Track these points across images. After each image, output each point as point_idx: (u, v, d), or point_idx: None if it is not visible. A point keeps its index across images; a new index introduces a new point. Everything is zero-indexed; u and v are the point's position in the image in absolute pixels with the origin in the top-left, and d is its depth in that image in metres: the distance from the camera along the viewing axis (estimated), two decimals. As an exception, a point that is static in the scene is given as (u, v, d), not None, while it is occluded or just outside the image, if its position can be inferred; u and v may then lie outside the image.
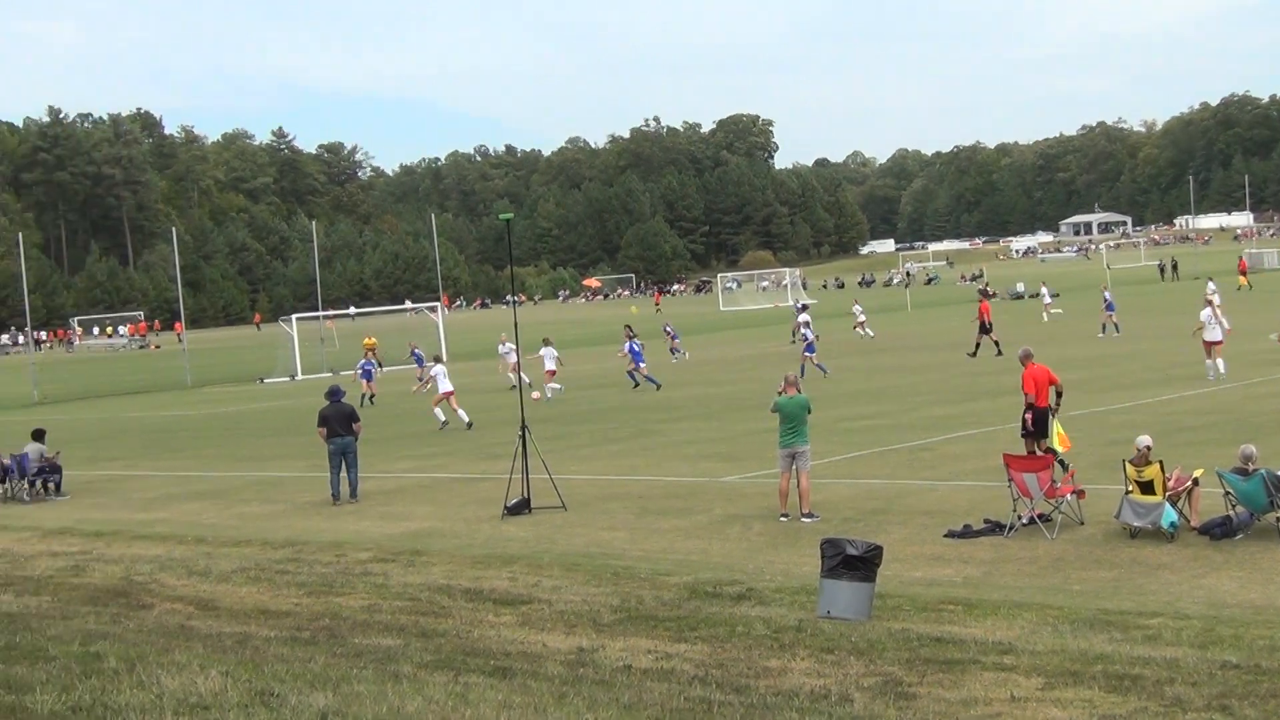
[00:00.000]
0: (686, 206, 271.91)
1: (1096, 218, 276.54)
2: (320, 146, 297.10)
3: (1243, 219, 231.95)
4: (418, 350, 64.81)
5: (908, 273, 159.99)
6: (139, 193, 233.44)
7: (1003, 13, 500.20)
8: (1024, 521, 20.72)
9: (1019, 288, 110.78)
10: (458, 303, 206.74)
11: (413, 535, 24.44)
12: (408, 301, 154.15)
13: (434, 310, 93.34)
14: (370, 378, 56.07)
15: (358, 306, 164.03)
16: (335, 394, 30.15)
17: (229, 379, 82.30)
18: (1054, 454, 22.93)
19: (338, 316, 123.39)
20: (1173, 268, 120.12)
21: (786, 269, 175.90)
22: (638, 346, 52.81)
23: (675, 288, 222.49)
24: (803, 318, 62.02)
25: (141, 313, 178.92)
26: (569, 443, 35.91)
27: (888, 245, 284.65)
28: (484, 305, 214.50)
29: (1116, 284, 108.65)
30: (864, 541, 16.63)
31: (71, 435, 48.09)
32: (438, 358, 47.48)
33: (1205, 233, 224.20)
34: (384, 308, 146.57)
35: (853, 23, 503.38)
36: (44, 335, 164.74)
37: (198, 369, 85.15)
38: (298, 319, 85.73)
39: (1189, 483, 20.01)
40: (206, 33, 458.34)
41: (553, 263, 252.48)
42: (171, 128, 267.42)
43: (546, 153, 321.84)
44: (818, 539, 17.39)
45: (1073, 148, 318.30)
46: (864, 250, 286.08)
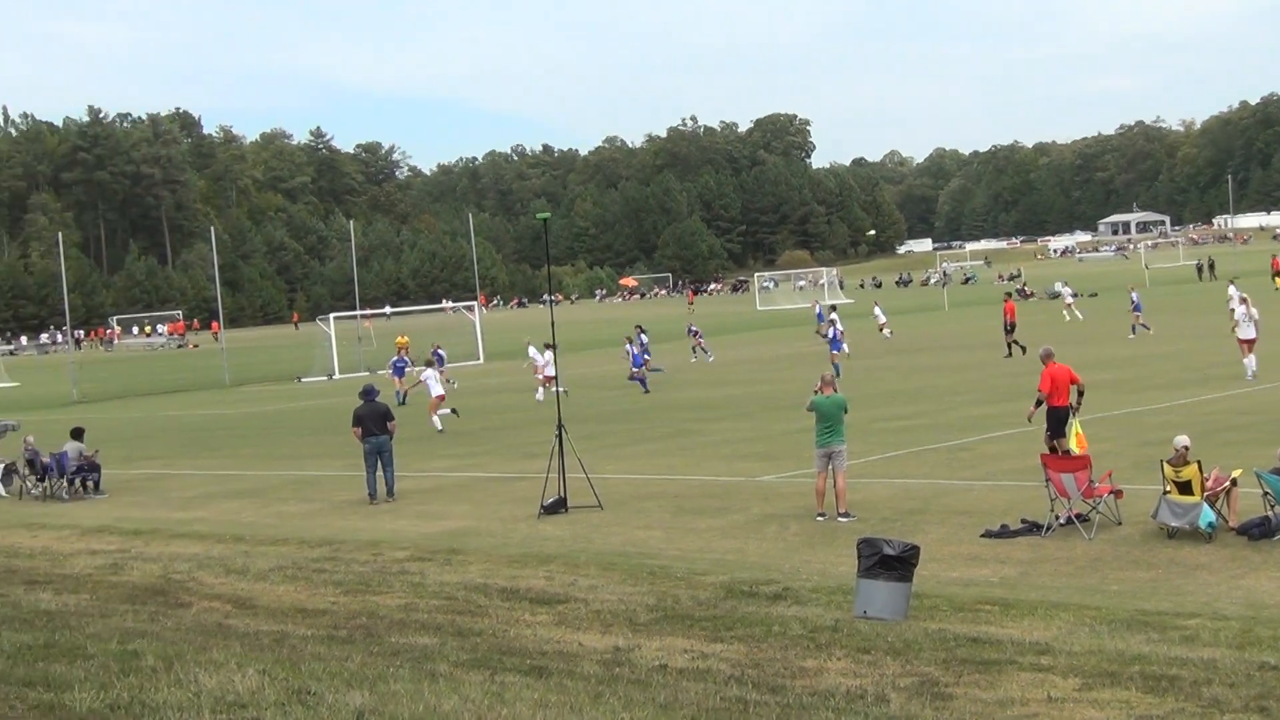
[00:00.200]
0: (723, 206, 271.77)
1: (1135, 217, 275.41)
2: (358, 146, 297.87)
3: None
4: (440, 350, 65.10)
5: (944, 272, 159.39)
6: (178, 192, 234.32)
7: (1041, 11, 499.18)
8: (1061, 522, 20.66)
9: (1056, 287, 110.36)
10: (494, 302, 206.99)
11: (449, 534, 24.47)
12: (445, 301, 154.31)
13: (471, 309, 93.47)
14: (402, 375, 56.31)
15: (395, 306, 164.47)
16: (369, 393, 30.22)
17: (267, 378, 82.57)
18: (1068, 454, 22.89)
19: (374, 316, 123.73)
20: (1209, 267, 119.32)
21: (823, 268, 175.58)
22: (637, 350, 53.20)
23: (712, 287, 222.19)
24: (832, 316, 62.07)
25: (180, 312, 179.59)
26: (605, 442, 35.93)
27: (925, 245, 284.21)
28: (521, 304, 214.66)
29: (1154, 284, 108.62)
30: (901, 541, 16.60)
31: (110, 434, 48.28)
32: (429, 362, 47.41)
33: (1244, 232, 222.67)
34: (421, 307, 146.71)
35: (890, 22, 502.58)
36: (81, 334, 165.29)
37: (236, 368, 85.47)
38: (335, 318, 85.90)
39: (1227, 483, 19.91)
40: (245, 33, 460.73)
41: (590, 262, 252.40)
42: (210, 127, 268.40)
43: (584, 152, 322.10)
44: (854, 539, 17.36)
45: (1111, 147, 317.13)
46: (901, 250, 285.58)
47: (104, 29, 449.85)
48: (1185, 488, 19.71)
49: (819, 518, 22.89)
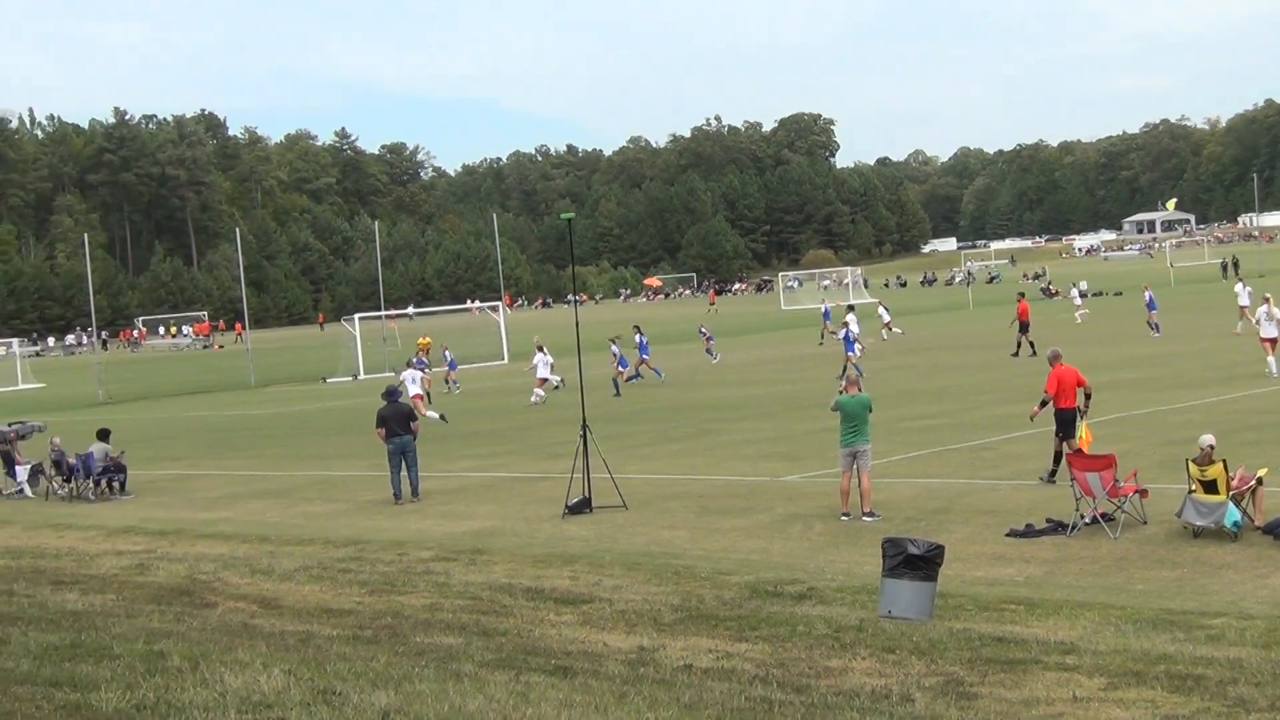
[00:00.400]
0: (748, 205, 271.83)
1: (1159, 216, 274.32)
2: (383, 147, 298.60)
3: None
4: (448, 352, 65.31)
5: (969, 271, 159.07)
6: (203, 193, 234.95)
7: (1065, 9, 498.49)
8: (1086, 521, 20.63)
9: (1082, 286, 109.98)
10: (519, 302, 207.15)
11: (474, 534, 24.50)
12: (470, 301, 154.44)
13: (495, 310, 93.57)
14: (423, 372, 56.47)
15: (420, 306, 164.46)
16: (392, 394, 30.30)
17: (292, 378, 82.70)
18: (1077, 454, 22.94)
19: (398, 316, 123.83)
20: (1234, 266, 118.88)
21: (848, 268, 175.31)
22: (624, 353, 53.46)
23: (736, 286, 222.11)
24: (848, 317, 62.01)
25: (205, 313, 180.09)
26: (629, 442, 35.93)
27: (950, 244, 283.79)
28: (545, 305, 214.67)
29: (1179, 282, 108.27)
30: (925, 541, 16.59)
31: (136, 435, 48.44)
32: (410, 362, 47.36)
33: (1270, 230, 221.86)
34: (446, 307, 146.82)
35: (914, 21, 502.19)
36: (105, 335, 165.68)
37: (261, 368, 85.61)
38: (360, 319, 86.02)
39: (1253, 482, 19.87)
40: (269, 34, 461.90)
41: (614, 262, 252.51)
42: (235, 129, 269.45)
43: (608, 152, 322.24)
44: (879, 538, 17.34)
45: (1136, 145, 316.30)
46: (926, 249, 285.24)
47: (129, 31, 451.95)
48: (1210, 487, 19.67)
49: (843, 517, 22.88)
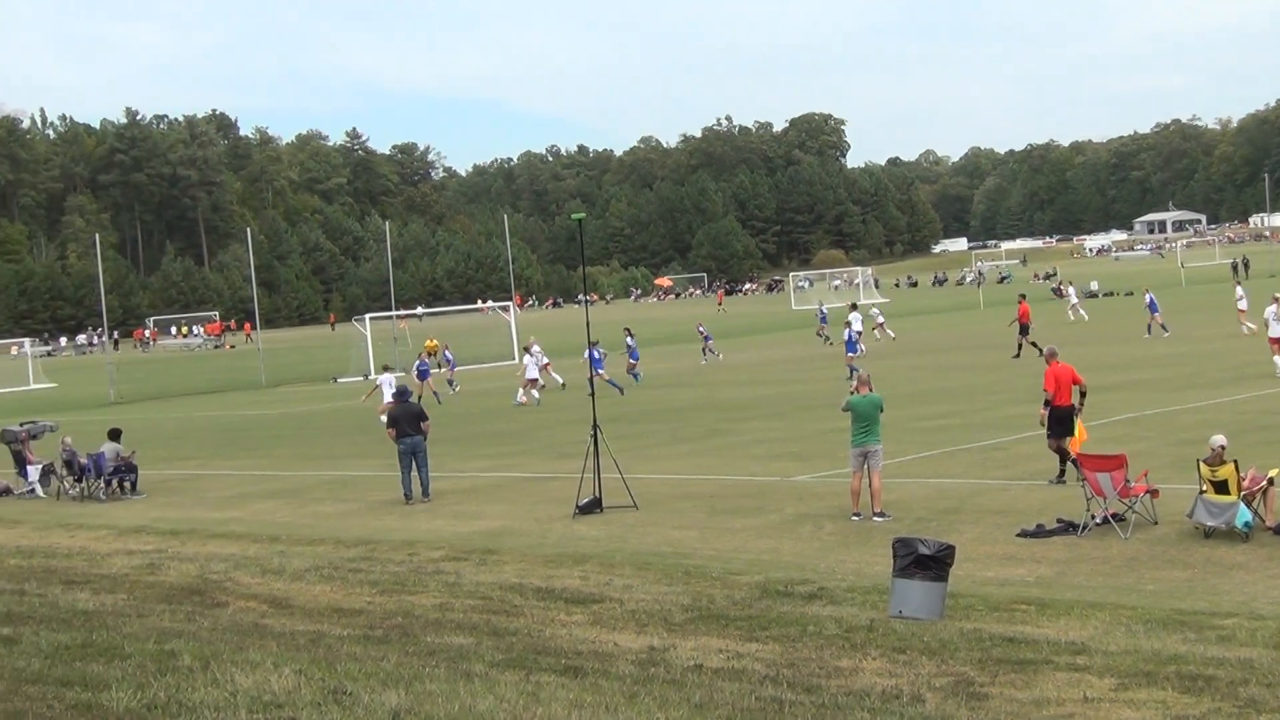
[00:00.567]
0: (758, 206, 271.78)
1: (1171, 216, 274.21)
2: (393, 147, 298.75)
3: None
4: (448, 353, 65.37)
5: (980, 272, 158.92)
6: (214, 193, 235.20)
7: (1076, 9, 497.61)
8: (1097, 521, 20.61)
9: (1093, 286, 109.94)
10: (530, 302, 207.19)
11: (485, 534, 24.51)
12: (479, 301, 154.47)
13: (506, 310, 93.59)
14: (425, 378, 56.64)
15: (431, 306, 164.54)
16: (403, 394, 30.36)
17: (303, 378, 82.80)
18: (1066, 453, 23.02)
19: (408, 316, 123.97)
20: (1244, 266, 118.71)
21: (858, 268, 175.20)
22: (598, 354, 53.44)
23: (747, 286, 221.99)
24: (852, 315, 61.98)
25: (216, 313, 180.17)
26: (640, 442, 35.93)
27: (960, 244, 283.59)
28: (556, 304, 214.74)
29: (1190, 283, 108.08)
30: (936, 541, 16.58)
31: (147, 434, 48.47)
32: (387, 366, 47.31)
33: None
34: (456, 308, 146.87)
35: (925, 21, 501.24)
36: (116, 335, 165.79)
37: (272, 368, 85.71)
38: (371, 319, 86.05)
39: (1264, 482, 19.84)
40: (280, 35, 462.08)
41: (625, 262, 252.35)
42: (246, 129, 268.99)
43: (618, 152, 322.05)
44: (890, 538, 17.33)
45: (1147, 145, 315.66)
46: (936, 249, 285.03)
47: (141, 31, 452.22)
48: (1221, 487, 19.65)
49: (854, 517, 22.88)
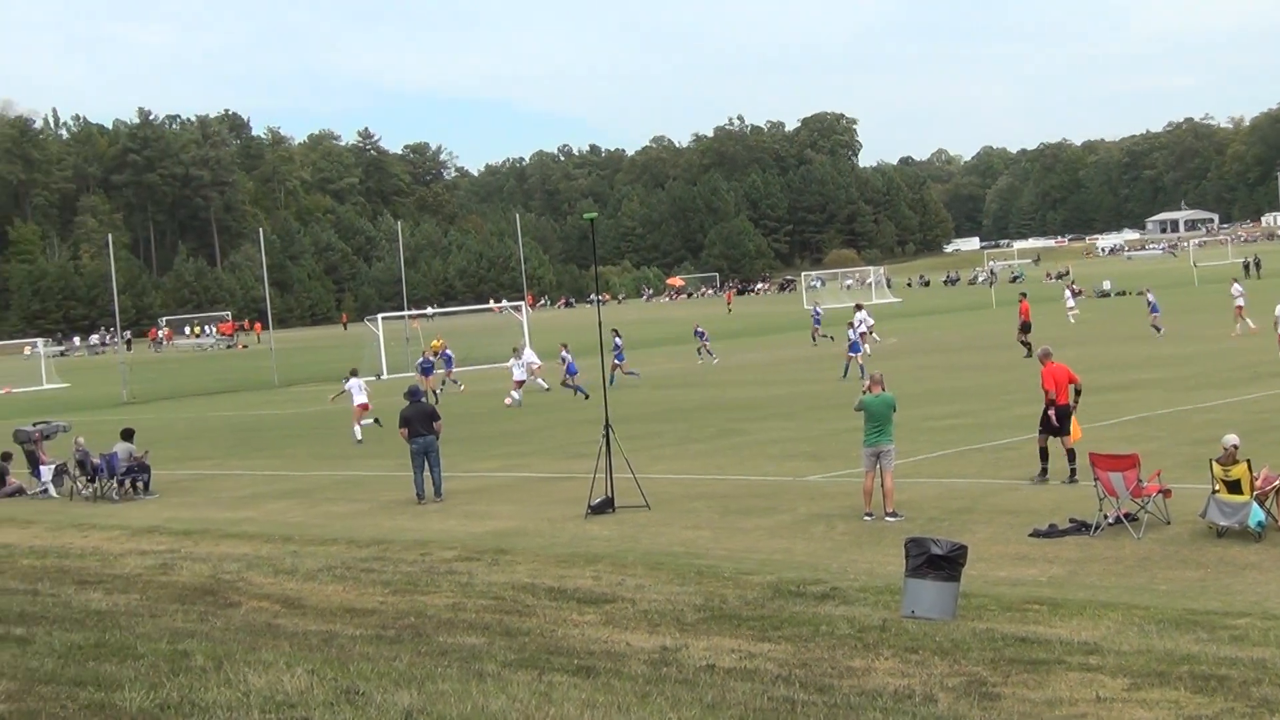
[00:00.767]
0: (770, 205, 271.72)
1: (1183, 215, 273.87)
2: (406, 147, 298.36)
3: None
4: (448, 351, 65.49)
5: (992, 271, 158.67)
6: (226, 193, 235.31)
7: (1089, 9, 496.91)
8: (1110, 521, 20.60)
9: (1105, 285, 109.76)
10: (542, 302, 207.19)
11: (497, 534, 24.52)
12: (493, 300, 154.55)
13: (518, 309, 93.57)
14: (428, 374, 56.97)
15: (443, 306, 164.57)
16: (415, 394, 30.35)
17: (315, 378, 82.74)
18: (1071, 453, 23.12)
19: (420, 316, 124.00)
20: (1255, 265, 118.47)
21: (870, 267, 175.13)
22: (570, 358, 53.83)
23: (759, 286, 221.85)
24: (859, 315, 61.88)
25: (229, 313, 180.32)
26: (652, 442, 35.93)
27: (973, 243, 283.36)
28: (568, 304, 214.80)
29: (1203, 281, 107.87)
30: (948, 541, 16.58)
31: (160, 435, 48.50)
32: (354, 371, 47.34)
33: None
34: (468, 307, 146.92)
35: (937, 20, 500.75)
36: (129, 335, 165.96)
37: (285, 368, 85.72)
38: (383, 318, 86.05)
39: (1277, 482, 19.81)
40: (293, 35, 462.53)
41: (636, 261, 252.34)
42: (258, 129, 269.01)
43: (630, 152, 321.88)
44: (902, 538, 17.35)
45: (1159, 145, 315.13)
46: (949, 249, 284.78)
47: (154, 31, 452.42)
48: (1234, 487, 19.62)
49: (866, 517, 22.88)
